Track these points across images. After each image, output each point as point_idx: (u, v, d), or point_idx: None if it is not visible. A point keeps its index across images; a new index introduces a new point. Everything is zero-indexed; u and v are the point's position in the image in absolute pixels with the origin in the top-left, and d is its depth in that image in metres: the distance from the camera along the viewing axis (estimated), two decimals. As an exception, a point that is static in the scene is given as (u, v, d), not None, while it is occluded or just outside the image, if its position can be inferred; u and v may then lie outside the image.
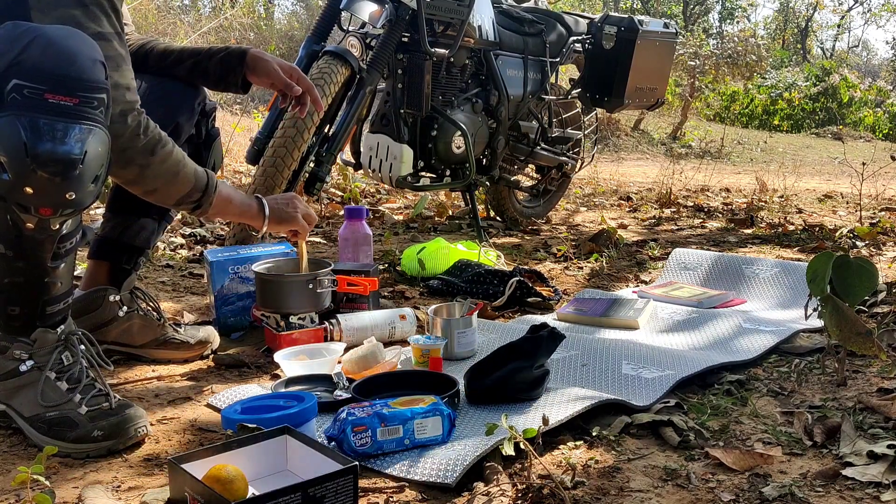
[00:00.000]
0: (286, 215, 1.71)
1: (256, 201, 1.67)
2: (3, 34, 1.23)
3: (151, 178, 1.47)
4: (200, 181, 1.53)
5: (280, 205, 1.71)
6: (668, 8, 20.79)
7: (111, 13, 1.38)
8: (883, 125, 13.09)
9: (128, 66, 1.42)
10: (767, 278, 2.49)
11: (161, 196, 1.52)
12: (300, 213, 1.73)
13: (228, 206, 1.61)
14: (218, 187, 1.57)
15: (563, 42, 3.55)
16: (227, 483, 1.09)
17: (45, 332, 1.40)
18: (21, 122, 1.20)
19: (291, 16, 15.81)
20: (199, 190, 1.53)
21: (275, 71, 1.78)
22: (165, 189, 1.50)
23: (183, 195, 1.52)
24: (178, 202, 1.53)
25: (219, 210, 1.59)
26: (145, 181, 1.47)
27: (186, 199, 1.53)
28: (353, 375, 1.68)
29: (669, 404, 1.54)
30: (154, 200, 1.54)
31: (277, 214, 1.69)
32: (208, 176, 1.55)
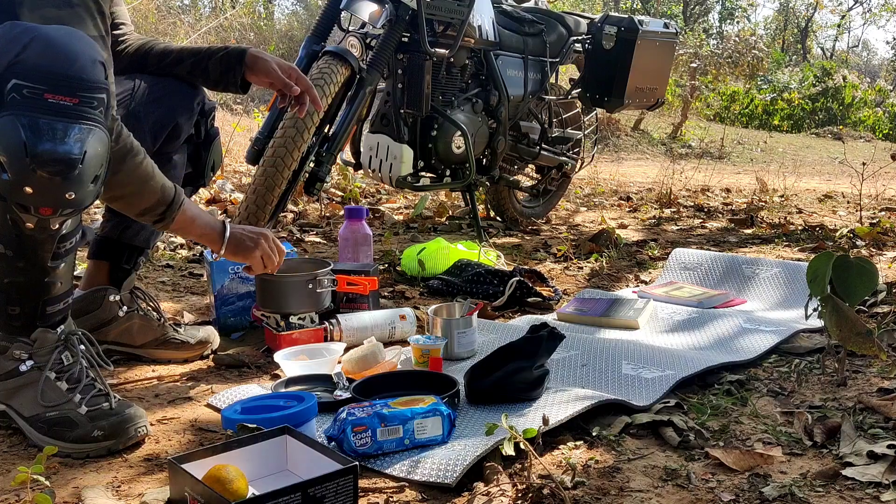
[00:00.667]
0: (244, 247, 1.64)
1: (220, 226, 1.61)
2: (2, 34, 1.23)
3: (118, 185, 1.43)
4: (167, 196, 1.49)
5: (244, 236, 1.64)
6: (668, 8, 20.79)
7: (96, 16, 1.37)
8: (883, 125, 13.09)
9: (109, 70, 1.40)
10: (768, 278, 2.49)
11: (125, 205, 1.49)
12: (258, 252, 1.65)
13: (191, 226, 1.56)
14: (183, 205, 1.52)
15: (563, 42, 3.55)
16: (227, 483, 1.09)
17: (45, 331, 1.40)
18: (21, 122, 1.20)
19: (291, 16, 15.81)
20: (164, 204, 1.49)
21: (273, 70, 1.78)
22: (130, 199, 1.46)
23: (147, 207, 1.48)
24: (142, 213, 1.49)
25: (180, 227, 1.55)
26: (111, 187, 1.43)
27: (150, 211, 1.49)
28: (353, 375, 1.68)
29: (669, 404, 1.54)
30: (118, 208, 1.51)
31: (235, 244, 1.62)
32: (176, 192, 1.51)
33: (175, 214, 1.51)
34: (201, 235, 1.60)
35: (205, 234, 1.59)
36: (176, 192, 1.51)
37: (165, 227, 1.53)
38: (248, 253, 1.64)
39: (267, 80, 1.79)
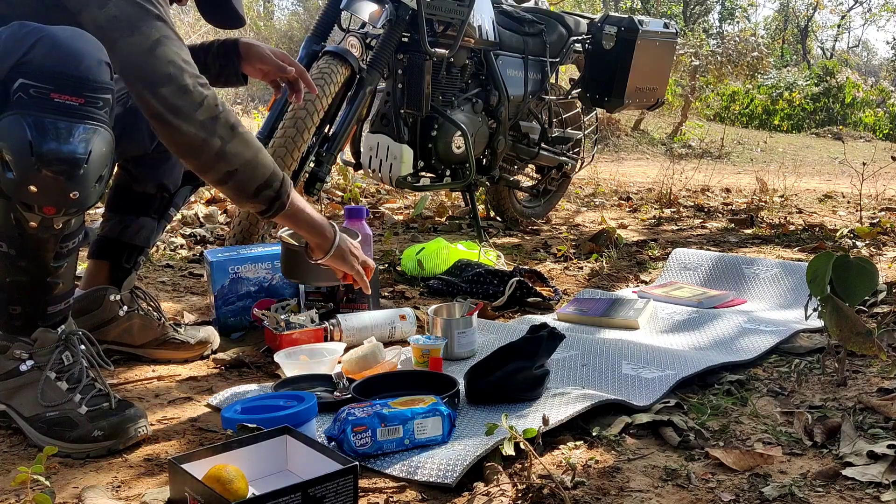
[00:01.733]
0: (348, 257, 1.62)
1: (331, 226, 1.59)
2: (10, 34, 1.24)
3: (233, 156, 1.38)
4: (278, 171, 1.45)
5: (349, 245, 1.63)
6: (668, 8, 20.79)
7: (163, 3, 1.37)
8: (883, 125, 13.09)
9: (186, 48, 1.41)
10: (768, 278, 2.49)
11: (241, 181, 1.41)
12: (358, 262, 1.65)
13: (303, 212, 1.52)
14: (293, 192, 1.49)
15: (563, 42, 3.55)
16: (227, 483, 1.09)
17: (45, 331, 1.40)
18: (26, 121, 1.20)
19: (291, 16, 15.81)
20: (278, 179, 1.44)
21: (267, 55, 1.75)
22: (246, 171, 1.40)
23: (262, 182, 1.42)
24: (257, 191, 1.43)
25: (295, 212, 1.50)
26: (228, 158, 1.38)
27: (265, 188, 1.43)
28: (353, 375, 1.68)
29: (669, 404, 1.54)
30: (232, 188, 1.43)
31: (342, 251, 1.61)
32: (285, 176, 1.47)
33: (290, 194, 1.48)
34: (312, 227, 1.56)
35: (316, 227, 1.56)
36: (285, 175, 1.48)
37: (279, 211, 1.47)
38: (349, 263, 1.63)
39: (261, 66, 1.75)
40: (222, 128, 1.37)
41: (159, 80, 1.33)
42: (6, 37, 1.24)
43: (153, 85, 1.33)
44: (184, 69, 1.35)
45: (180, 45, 1.37)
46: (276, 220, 1.51)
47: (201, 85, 1.37)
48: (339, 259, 1.61)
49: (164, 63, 1.33)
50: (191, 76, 1.36)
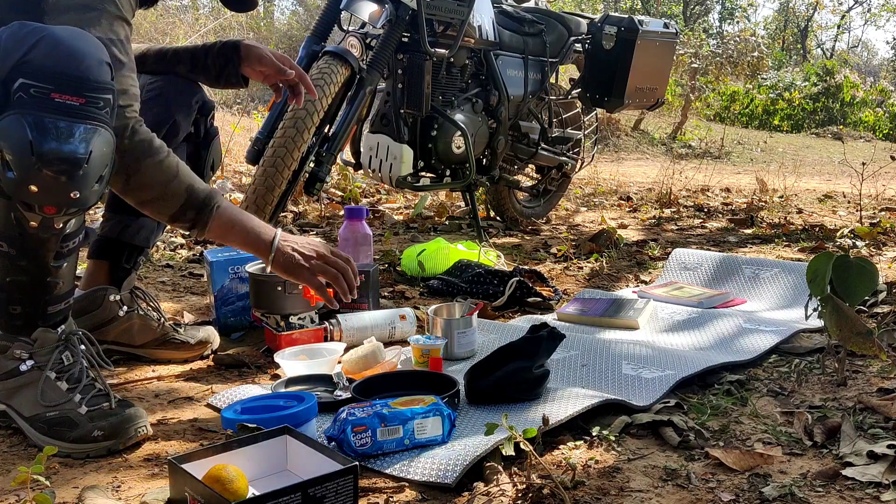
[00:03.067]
0: (293, 265, 1.49)
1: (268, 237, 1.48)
2: (10, 33, 1.24)
3: (140, 189, 1.40)
4: (194, 198, 1.42)
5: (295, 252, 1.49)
6: (668, 8, 20.79)
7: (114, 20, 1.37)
8: (883, 125, 13.09)
9: (128, 72, 1.40)
10: (767, 278, 2.49)
11: (153, 210, 1.44)
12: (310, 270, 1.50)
13: (230, 233, 1.46)
14: (219, 211, 1.44)
15: (563, 42, 3.55)
16: (227, 483, 1.09)
17: (45, 331, 1.40)
18: (27, 121, 1.20)
19: (291, 16, 15.81)
20: (193, 208, 1.42)
21: (267, 56, 1.74)
22: (156, 203, 1.41)
23: (174, 212, 1.42)
24: (173, 219, 1.43)
25: (219, 235, 1.46)
26: (132, 190, 1.40)
27: (180, 216, 1.42)
28: (353, 375, 1.68)
29: (669, 404, 1.54)
30: (151, 215, 1.46)
31: (283, 260, 1.48)
32: (209, 195, 1.43)
33: (209, 220, 1.43)
34: (243, 244, 1.48)
35: (247, 242, 1.48)
36: (209, 195, 1.44)
37: (201, 234, 1.45)
38: (295, 274, 1.50)
39: (261, 68, 1.75)
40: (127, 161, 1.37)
41: None
42: (6, 36, 1.23)
43: None
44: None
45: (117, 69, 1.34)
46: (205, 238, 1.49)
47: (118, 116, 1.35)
48: (282, 270, 1.50)
49: None
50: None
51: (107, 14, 1.36)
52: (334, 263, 1.52)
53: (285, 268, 1.50)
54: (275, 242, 1.48)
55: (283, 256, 1.49)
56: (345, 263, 1.53)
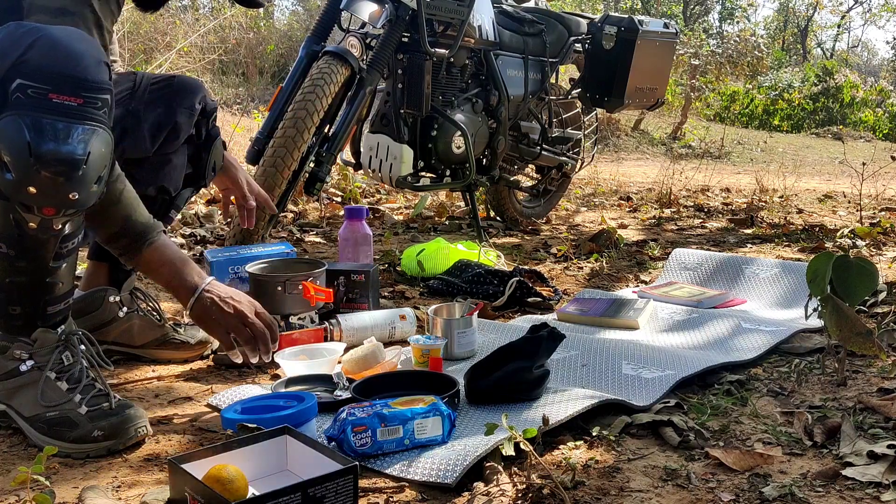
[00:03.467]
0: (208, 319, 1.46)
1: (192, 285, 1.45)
2: (7, 34, 1.23)
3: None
4: (132, 229, 1.41)
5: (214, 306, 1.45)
6: (668, 8, 20.79)
7: (93, 28, 1.37)
8: (883, 125, 13.09)
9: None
10: (767, 278, 2.49)
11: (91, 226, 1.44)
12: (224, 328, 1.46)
13: (159, 271, 1.45)
14: (155, 246, 1.43)
15: (563, 42, 3.55)
16: (227, 483, 1.09)
17: (45, 331, 1.40)
18: (25, 122, 1.20)
19: (291, 16, 15.81)
20: (128, 237, 1.42)
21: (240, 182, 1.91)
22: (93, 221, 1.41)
23: (109, 235, 1.42)
24: (107, 240, 1.44)
25: (146, 269, 1.46)
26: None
27: (113, 241, 1.43)
28: (353, 375, 1.68)
29: (669, 404, 1.54)
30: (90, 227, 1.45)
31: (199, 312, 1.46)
32: (148, 229, 1.43)
33: (138, 254, 1.43)
34: (168, 286, 1.47)
35: (170, 286, 1.46)
36: (146, 229, 1.43)
37: (129, 264, 1.46)
38: (211, 326, 1.46)
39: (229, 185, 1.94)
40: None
41: None
42: (3, 36, 1.23)
43: None
44: None
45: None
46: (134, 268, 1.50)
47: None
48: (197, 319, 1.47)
49: None
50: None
51: (83, 19, 1.35)
52: (251, 325, 1.47)
53: (199, 318, 1.47)
54: (198, 291, 1.45)
55: (200, 307, 1.45)
56: (265, 329, 1.48)
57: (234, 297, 1.48)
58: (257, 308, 1.49)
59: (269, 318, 1.50)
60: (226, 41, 8.98)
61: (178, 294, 1.47)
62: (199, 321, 1.49)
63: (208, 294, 1.46)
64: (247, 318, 1.47)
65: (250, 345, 1.47)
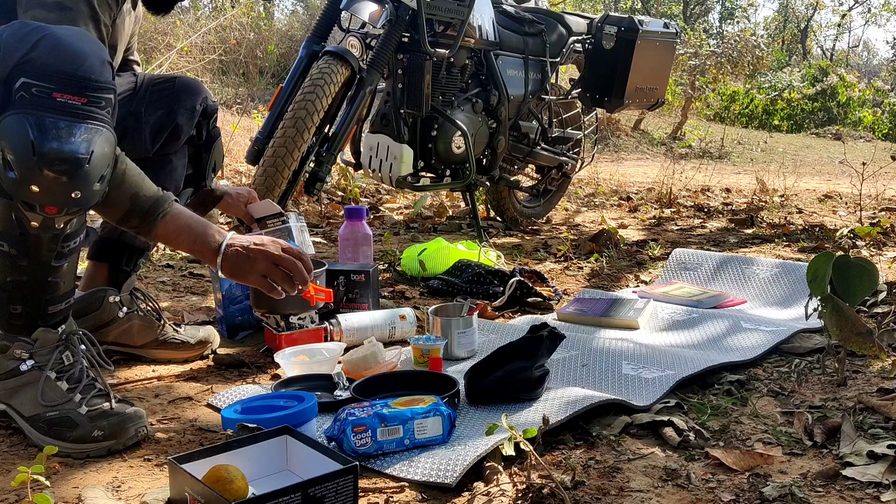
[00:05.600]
0: (240, 271, 1.45)
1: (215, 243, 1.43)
2: (11, 32, 1.24)
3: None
4: (140, 206, 1.39)
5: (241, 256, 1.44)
6: (668, 8, 20.78)
7: (90, 21, 1.37)
8: (882, 125, 13.08)
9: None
10: (767, 278, 2.49)
11: (100, 213, 1.44)
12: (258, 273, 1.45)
13: (177, 239, 1.43)
14: (168, 217, 1.41)
15: (563, 42, 3.55)
16: (227, 483, 1.09)
17: (46, 331, 1.40)
18: (28, 121, 1.20)
19: (291, 16, 15.81)
20: (138, 215, 1.39)
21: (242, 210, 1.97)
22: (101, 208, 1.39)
23: (119, 217, 1.40)
24: (118, 223, 1.43)
25: (166, 239, 1.44)
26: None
27: (124, 222, 1.41)
28: (353, 375, 1.68)
29: (669, 404, 1.54)
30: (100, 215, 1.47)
31: (230, 266, 1.44)
32: (156, 202, 1.41)
33: (153, 227, 1.41)
34: (191, 251, 1.45)
35: (194, 250, 1.44)
36: (155, 203, 1.41)
37: (147, 238, 1.44)
38: (246, 276, 1.46)
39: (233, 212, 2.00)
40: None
41: None
42: (7, 35, 1.23)
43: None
44: None
45: None
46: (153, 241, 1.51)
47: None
48: (231, 277, 1.47)
49: None
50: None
51: (80, 14, 1.35)
52: (281, 261, 1.46)
53: (232, 272, 1.45)
54: (222, 248, 1.43)
55: (229, 262, 1.44)
56: (295, 261, 1.47)
57: (257, 242, 1.47)
58: (282, 245, 1.48)
59: (297, 251, 1.49)
60: (226, 41, 8.98)
61: (205, 257, 1.45)
62: (232, 275, 1.46)
63: (232, 248, 1.44)
64: (276, 257, 1.45)
65: (287, 282, 1.46)
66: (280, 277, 1.45)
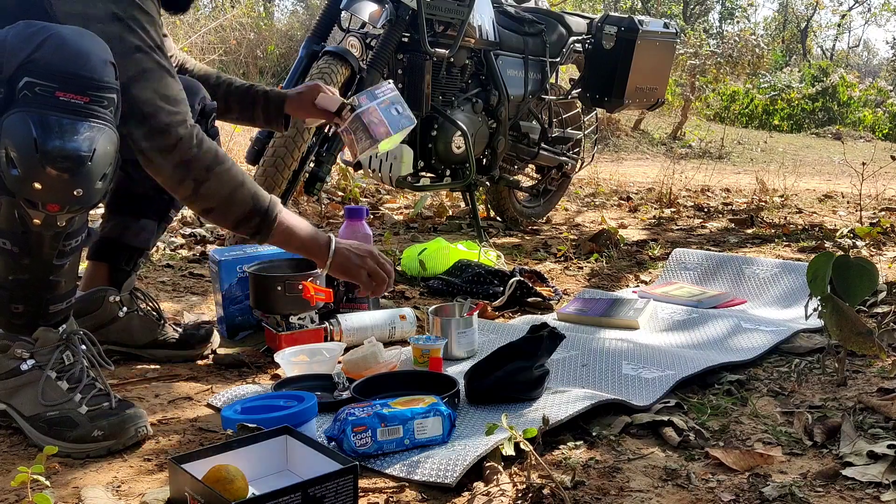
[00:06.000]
0: (350, 266, 1.56)
1: (325, 240, 1.55)
2: (17, 32, 1.24)
3: (207, 196, 1.43)
4: (260, 205, 1.46)
5: (350, 253, 1.57)
6: (668, 8, 20.78)
7: (147, 26, 1.37)
8: (883, 125, 13.08)
9: (172, 78, 1.41)
10: (767, 278, 2.49)
11: (218, 216, 1.47)
12: (366, 270, 1.58)
13: (291, 238, 1.52)
14: (281, 216, 1.49)
15: (563, 42, 3.55)
16: (227, 483, 1.09)
17: (46, 330, 1.40)
18: (31, 119, 1.21)
19: (291, 16, 15.81)
20: (258, 214, 1.46)
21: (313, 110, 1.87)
22: (222, 209, 1.45)
23: (240, 217, 1.46)
24: (236, 224, 1.47)
25: (280, 240, 1.52)
26: (200, 198, 1.43)
27: (244, 222, 1.47)
28: (353, 375, 1.68)
29: (669, 404, 1.54)
30: (212, 221, 1.50)
31: (341, 261, 1.55)
32: (271, 202, 1.48)
33: (272, 226, 1.48)
34: (302, 248, 1.55)
35: (307, 247, 1.54)
36: (271, 202, 1.49)
37: (264, 239, 1.50)
38: (353, 274, 1.58)
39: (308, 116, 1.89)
40: (197, 170, 1.41)
41: (134, 119, 1.36)
42: (12, 35, 1.24)
43: (128, 122, 1.35)
44: (160, 108, 1.37)
45: (161, 76, 1.38)
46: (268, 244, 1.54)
47: (178, 123, 1.39)
48: (340, 269, 1.58)
49: (140, 102, 1.35)
50: (168, 114, 1.37)
51: (137, 21, 1.36)
52: (382, 265, 1.60)
53: (343, 270, 1.57)
54: (331, 246, 1.54)
55: (339, 258, 1.55)
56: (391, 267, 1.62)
57: (358, 245, 1.60)
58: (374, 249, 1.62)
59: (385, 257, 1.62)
60: (226, 41, 8.98)
61: (315, 254, 1.55)
62: (340, 272, 1.57)
63: (340, 247, 1.55)
64: (378, 259, 1.59)
65: (385, 283, 1.59)
66: (381, 279, 1.59)
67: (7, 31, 1.25)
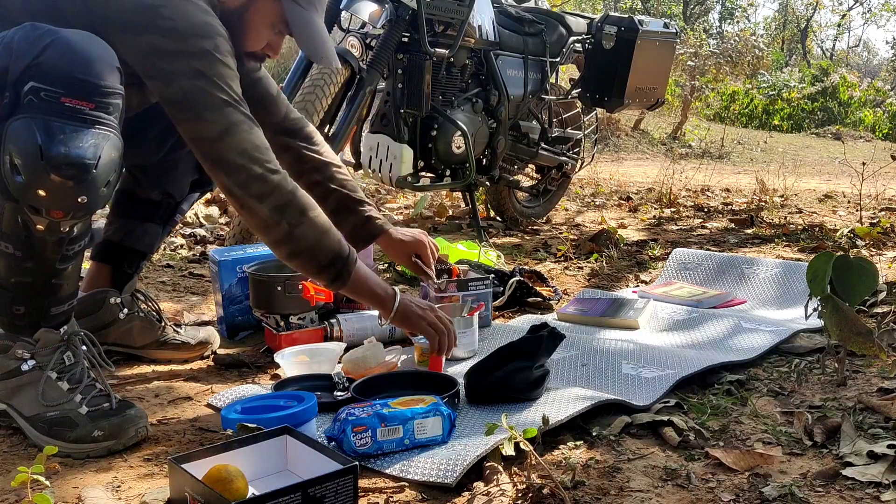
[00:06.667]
0: (412, 317, 1.61)
1: (392, 291, 1.60)
2: (23, 36, 1.23)
3: (298, 239, 1.44)
4: (344, 250, 1.49)
5: (413, 305, 1.62)
6: (668, 8, 20.78)
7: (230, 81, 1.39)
8: (883, 125, 13.08)
9: (258, 128, 1.43)
10: (767, 278, 2.49)
11: (304, 261, 1.48)
12: (426, 321, 1.63)
13: (364, 286, 1.55)
14: (356, 266, 1.52)
15: (563, 42, 3.55)
16: (227, 483, 1.09)
17: (47, 331, 1.40)
18: (36, 125, 1.20)
19: (291, 16, 15.78)
20: (342, 259, 1.49)
21: (404, 254, 1.87)
22: (310, 253, 1.46)
23: (326, 262, 1.47)
24: (320, 269, 1.49)
25: (355, 287, 1.54)
26: (294, 241, 1.44)
27: (329, 267, 1.48)
28: (353, 375, 1.68)
29: (669, 404, 1.54)
30: (296, 266, 1.50)
31: (404, 312, 1.60)
32: (350, 250, 1.52)
33: (352, 271, 1.51)
34: (372, 297, 1.58)
35: (376, 296, 1.58)
36: (350, 250, 1.51)
37: (340, 287, 1.52)
38: (416, 321, 1.62)
39: (401, 261, 1.90)
40: (292, 213, 1.42)
41: (229, 169, 1.38)
42: (18, 38, 1.23)
43: (223, 171, 1.38)
44: (254, 158, 1.39)
45: (250, 128, 1.40)
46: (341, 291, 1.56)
47: (272, 172, 1.41)
48: (402, 322, 1.62)
49: (234, 153, 1.37)
50: (261, 164, 1.39)
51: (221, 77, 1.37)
52: (442, 319, 1.64)
53: (405, 320, 1.61)
54: (397, 297, 1.59)
55: (404, 309, 1.60)
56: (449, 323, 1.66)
57: (419, 300, 1.66)
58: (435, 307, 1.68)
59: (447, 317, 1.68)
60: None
61: (382, 303, 1.59)
62: (404, 321, 1.62)
63: (405, 298, 1.61)
64: (437, 313, 1.65)
65: (444, 337, 1.64)
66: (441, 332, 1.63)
67: (14, 32, 1.25)
